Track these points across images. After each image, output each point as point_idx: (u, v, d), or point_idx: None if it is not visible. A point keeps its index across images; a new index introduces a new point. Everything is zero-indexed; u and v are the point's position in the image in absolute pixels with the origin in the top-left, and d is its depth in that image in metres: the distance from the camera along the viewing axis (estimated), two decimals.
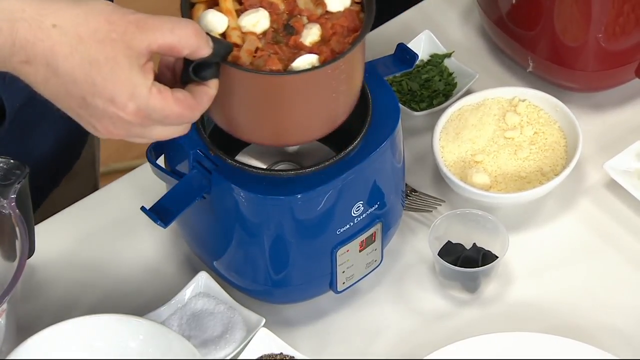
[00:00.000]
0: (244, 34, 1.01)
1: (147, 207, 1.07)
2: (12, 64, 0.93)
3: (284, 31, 1.02)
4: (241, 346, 1.14)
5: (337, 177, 1.07)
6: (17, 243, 1.06)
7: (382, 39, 1.41)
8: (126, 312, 1.09)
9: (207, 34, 0.96)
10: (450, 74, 1.36)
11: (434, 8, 1.44)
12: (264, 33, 1.01)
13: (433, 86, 1.35)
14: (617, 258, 1.22)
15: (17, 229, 1.06)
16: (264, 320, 1.15)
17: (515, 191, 1.23)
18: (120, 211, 1.26)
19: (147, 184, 1.26)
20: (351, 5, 1.04)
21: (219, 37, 1.00)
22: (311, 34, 1.01)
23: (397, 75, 1.34)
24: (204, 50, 0.95)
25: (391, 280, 1.21)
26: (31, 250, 1.14)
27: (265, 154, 1.22)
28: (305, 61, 1.00)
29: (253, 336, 1.14)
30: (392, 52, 1.19)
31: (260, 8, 1.02)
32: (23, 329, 1.10)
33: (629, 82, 1.34)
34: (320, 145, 1.23)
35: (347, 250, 1.13)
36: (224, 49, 0.97)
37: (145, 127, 0.95)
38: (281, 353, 1.14)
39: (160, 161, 1.16)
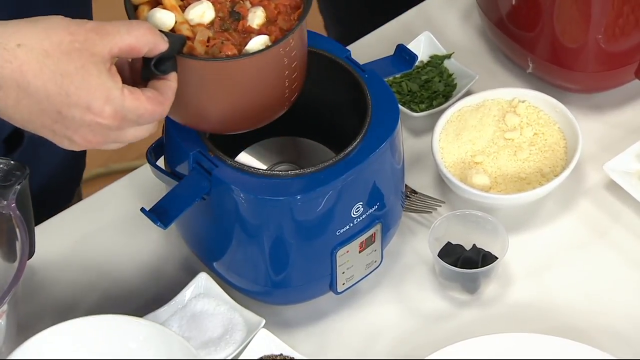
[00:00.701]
0: (193, 27, 1.03)
1: (147, 209, 1.07)
2: None
3: (231, 18, 1.05)
4: (241, 347, 1.14)
5: (337, 178, 1.07)
6: (18, 244, 1.06)
7: (382, 40, 1.41)
8: (126, 313, 1.09)
9: (160, 30, 0.99)
10: (450, 75, 1.36)
11: (433, 9, 1.44)
12: (212, 23, 1.04)
13: (433, 87, 1.35)
14: (617, 259, 1.22)
15: (17, 230, 1.06)
16: (264, 321, 1.15)
17: (515, 192, 1.23)
18: (120, 212, 1.26)
19: (147, 185, 1.26)
20: None
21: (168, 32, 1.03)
22: (257, 17, 1.04)
23: (396, 76, 1.34)
24: (161, 45, 0.98)
25: (391, 281, 1.21)
26: (31, 251, 1.14)
27: (264, 155, 1.23)
28: (258, 42, 1.03)
29: (253, 337, 1.14)
30: (392, 52, 1.19)
31: (203, 0, 1.04)
32: (23, 330, 1.11)
33: (628, 83, 1.34)
34: (320, 146, 1.24)
35: (347, 251, 1.13)
36: (179, 42, 1.01)
37: (121, 129, 0.97)
38: (281, 354, 1.14)
39: (160, 162, 1.16)
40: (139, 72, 1.00)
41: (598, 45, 1.28)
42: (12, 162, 1.08)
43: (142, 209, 1.07)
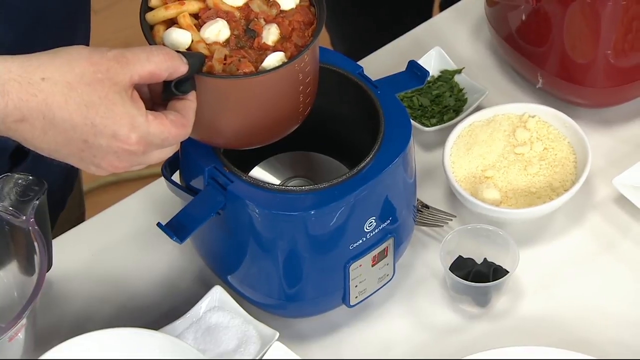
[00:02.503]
0: (209, 45, 1.05)
1: (163, 223, 1.08)
2: (6, 125, 0.95)
3: (246, 35, 1.06)
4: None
5: (350, 194, 1.09)
6: (36, 258, 1.07)
7: (393, 55, 1.42)
8: (142, 325, 1.10)
9: (179, 51, 1.01)
10: (461, 90, 1.37)
11: (444, 24, 1.45)
12: (227, 41, 1.05)
13: (444, 102, 1.36)
14: (626, 272, 1.23)
15: (35, 244, 1.07)
16: (277, 334, 1.16)
17: (525, 206, 1.24)
18: (135, 225, 1.28)
19: (162, 198, 1.28)
20: (301, 2, 1.08)
21: (187, 51, 1.04)
22: (271, 34, 1.05)
23: (408, 91, 1.36)
24: (181, 68, 1.00)
25: (403, 295, 1.22)
26: (49, 265, 1.16)
27: (278, 169, 1.24)
28: (274, 59, 1.04)
29: (267, 350, 1.15)
30: (403, 67, 1.21)
31: (218, 18, 1.06)
32: (40, 343, 1.12)
33: (637, 98, 1.35)
34: (332, 161, 1.25)
35: (360, 265, 1.14)
36: (198, 61, 1.02)
37: (146, 154, 0.99)
38: None
39: (175, 177, 1.17)
40: (157, 93, 1.02)
41: (607, 60, 1.29)
42: (30, 177, 1.10)
43: (159, 224, 1.08)
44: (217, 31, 1.05)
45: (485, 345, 1.17)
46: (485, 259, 1.21)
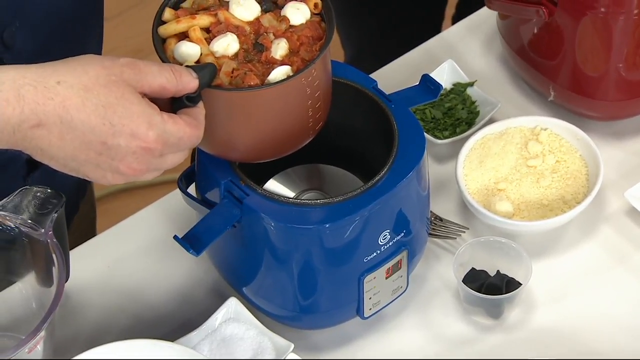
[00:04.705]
0: (218, 58, 1.06)
1: (179, 235, 1.09)
2: (21, 133, 0.95)
3: (254, 49, 1.07)
4: None
5: (365, 207, 1.10)
6: (54, 270, 1.08)
7: (405, 67, 1.43)
8: (158, 337, 1.11)
9: (189, 65, 1.02)
10: (473, 103, 1.38)
11: (456, 37, 1.46)
12: (236, 55, 1.06)
13: (456, 114, 1.37)
14: (638, 284, 1.23)
15: (54, 256, 1.08)
16: (292, 346, 1.16)
17: (537, 219, 1.25)
18: (151, 237, 1.29)
19: (178, 210, 1.29)
20: (311, 17, 1.09)
21: (196, 64, 1.05)
22: (280, 48, 1.06)
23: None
24: (191, 84, 1.00)
25: (416, 306, 1.23)
26: (66, 276, 1.17)
27: (293, 182, 1.25)
28: (280, 72, 1.05)
29: None
30: (416, 80, 1.22)
31: (228, 32, 1.07)
32: (58, 354, 1.13)
33: None
34: (346, 173, 1.26)
35: (374, 278, 1.15)
36: (208, 74, 1.03)
37: (162, 156, 0.99)
38: None
39: (191, 189, 1.18)
40: (166, 104, 1.01)
41: (619, 73, 1.29)
42: (48, 190, 1.11)
43: (175, 237, 1.09)
44: (226, 45, 1.06)
45: (498, 356, 1.17)
46: (498, 271, 1.22)
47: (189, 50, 1.06)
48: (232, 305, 1.19)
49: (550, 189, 1.27)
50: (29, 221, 1.10)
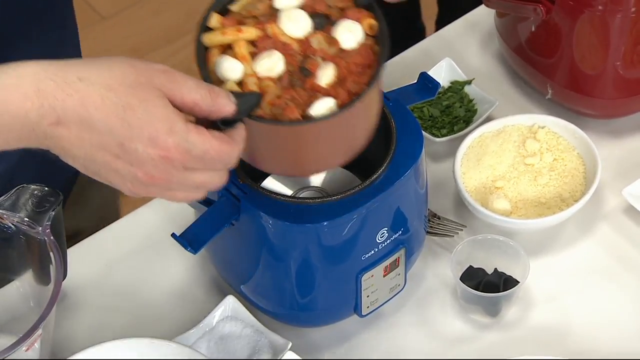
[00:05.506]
0: (260, 80, 1.00)
1: (177, 233, 1.09)
2: (42, 129, 0.91)
3: (300, 73, 1.01)
4: None
5: (363, 205, 1.10)
6: (52, 268, 1.08)
7: (403, 66, 1.43)
8: (155, 335, 1.11)
9: (233, 92, 0.97)
10: (471, 101, 1.38)
11: (454, 36, 1.46)
12: (280, 77, 1.01)
13: (454, 112, 1.37)
14: (636, 282, 1.24)
15: (51, 254, 1.08)
16: (290, 344, 1.16)
17: (535, 217, 1.25)
18: (149, 236, 1.28)
19: (175, 208, 1.29)
20: (365, 40, 1.03)
21: (238, 89, 1.00)
22: (326, 75, 1.00)
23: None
24: (226, 108, 0.95)
25: (414, 304, 1.23)
26: (64, 275, 1.17)
27: (290, 180, 1.24)
28: (323, 106, 0.99)
29: (279, 359, 1.16)
30: (413, 78, 1.21)
31: (275, 50, 1.01)
32: (55, 352, 1.13)
33: None
34: (344, 171, 1.26)
35: (372, 275, 1.15)
36: (248, 104, 0.97)
37: (186, 170, 0.93)
38: None
39: None
40: (201, 124, 0.95)
41: (616, 72, 1.30)
42: (46, 188, 1.11)
43: (173, 235, 1.08)
44: (271, 65, 1.00)
45: (496, 354, 1.17)
46: (495, 269, 1.22)
47: (232, 68, 0.99)
48: (230, 303, 1.19)
49: (547, 186, 1.27)
50: (27, 219, 1.10)
